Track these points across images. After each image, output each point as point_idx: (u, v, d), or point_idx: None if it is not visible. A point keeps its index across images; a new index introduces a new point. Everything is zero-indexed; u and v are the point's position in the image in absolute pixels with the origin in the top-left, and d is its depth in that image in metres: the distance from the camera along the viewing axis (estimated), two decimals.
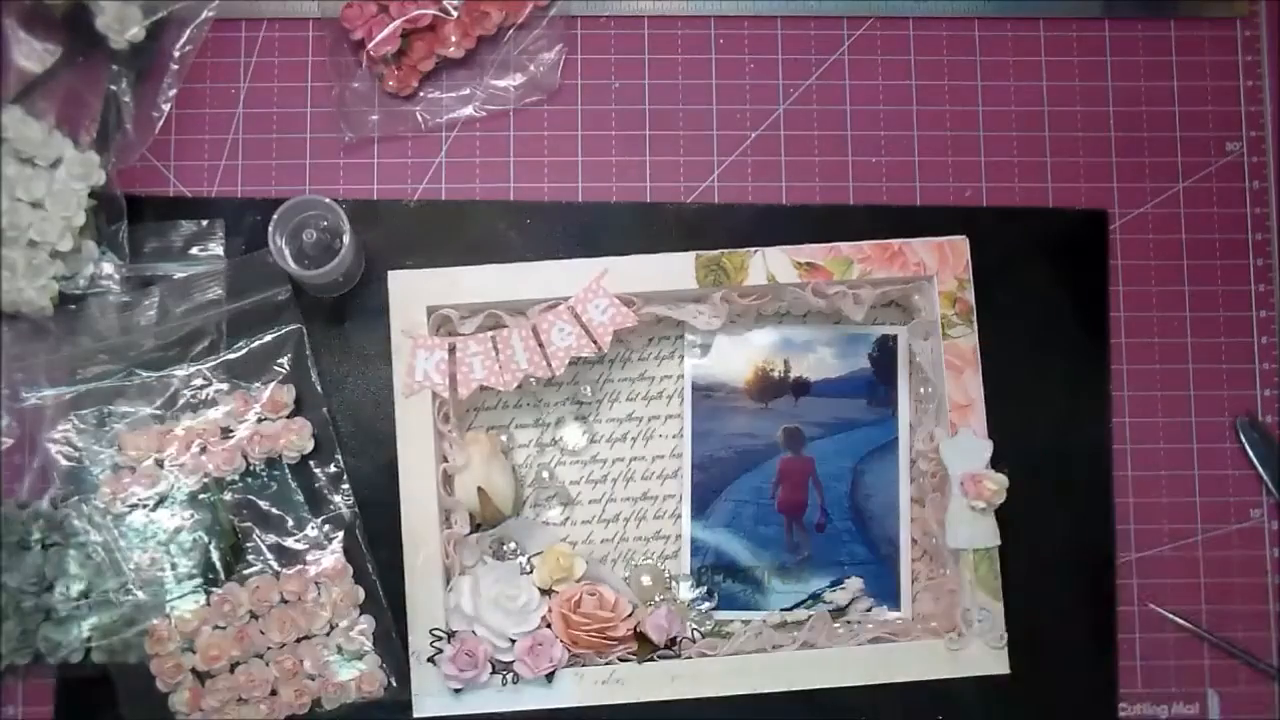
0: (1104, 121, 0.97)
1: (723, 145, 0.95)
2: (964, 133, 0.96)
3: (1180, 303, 0.96)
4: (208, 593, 0.87)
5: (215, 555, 0.87)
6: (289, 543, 0.88)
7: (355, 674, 0.86)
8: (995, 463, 0.84)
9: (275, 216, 0.85)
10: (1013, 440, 0.87)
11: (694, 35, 0.96)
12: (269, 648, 0.87)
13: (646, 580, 0.89)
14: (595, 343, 0.84)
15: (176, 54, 0.91)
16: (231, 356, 0.89)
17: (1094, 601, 0.93)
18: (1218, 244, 0.96)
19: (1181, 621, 0.92)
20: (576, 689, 0.83)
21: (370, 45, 0.91)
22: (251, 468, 0.88)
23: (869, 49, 0.96)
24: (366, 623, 0.87)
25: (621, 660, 0.84)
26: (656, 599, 0.88)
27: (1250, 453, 0.94)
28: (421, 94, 0.94)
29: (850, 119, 0.96)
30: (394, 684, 0.87)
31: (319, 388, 0.90)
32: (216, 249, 0.91)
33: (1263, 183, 0.96)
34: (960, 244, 0.86)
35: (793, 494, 0.90)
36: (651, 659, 0.85)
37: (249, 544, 0.88)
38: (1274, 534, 0.94)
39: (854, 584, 0.89)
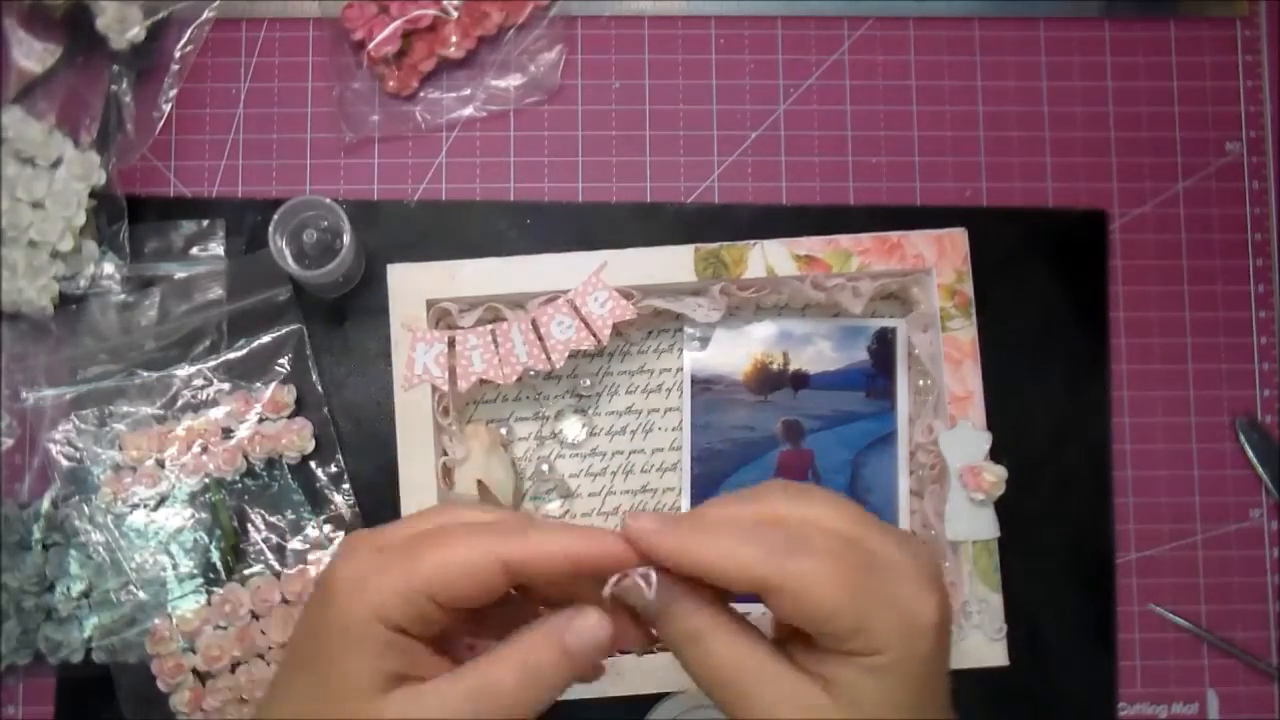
0: (1104, 121, 0.97)
1: (723, 145, 0.95)
2: (964, 133, 0.96)
3: (1180, 303, 0.96)
4: (209, 593, 0.87)
5: (216, 555, 0.87)
6: (290, 543, 0.88)
7: None
8: (994, 457, 0.84)
9: (275, 217, 0.85)
10: (1012, 441, 0.87)
11: (694, 35, 0.96)
12: (270, 648, 0.87)
13: None
14: (594, 336, 0.84)
15: (177, 54, 0.92)
16: (232, 356, 0.90)
17: (1094, 601, 0.93)
18: (1217, 244, 0.96)
19: (1181, 621, 0.92)
20: None
21: (371, 45, 0.92)
22: (252, 468, 0.89)
23: (869, 49, 0.96)
24: None
25: (621, 652, 0.84)
26: None
27: (1250, 453, 0.94)
28: (422, 94, 0.94)
29: (850, 119, 0.96)
30: None
31: (319, 388, 0.90)
32: (217, 249, 0.91)
33: (1263, 183, 0.97)
34: (959, 236, 0.86)
35: None
36: (652, 651, 0.84)
37: (250, 544, 0.88)
38: (1274, 534, 0.94)
39: None
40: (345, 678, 0.54)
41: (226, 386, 0.89)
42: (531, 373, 0.86)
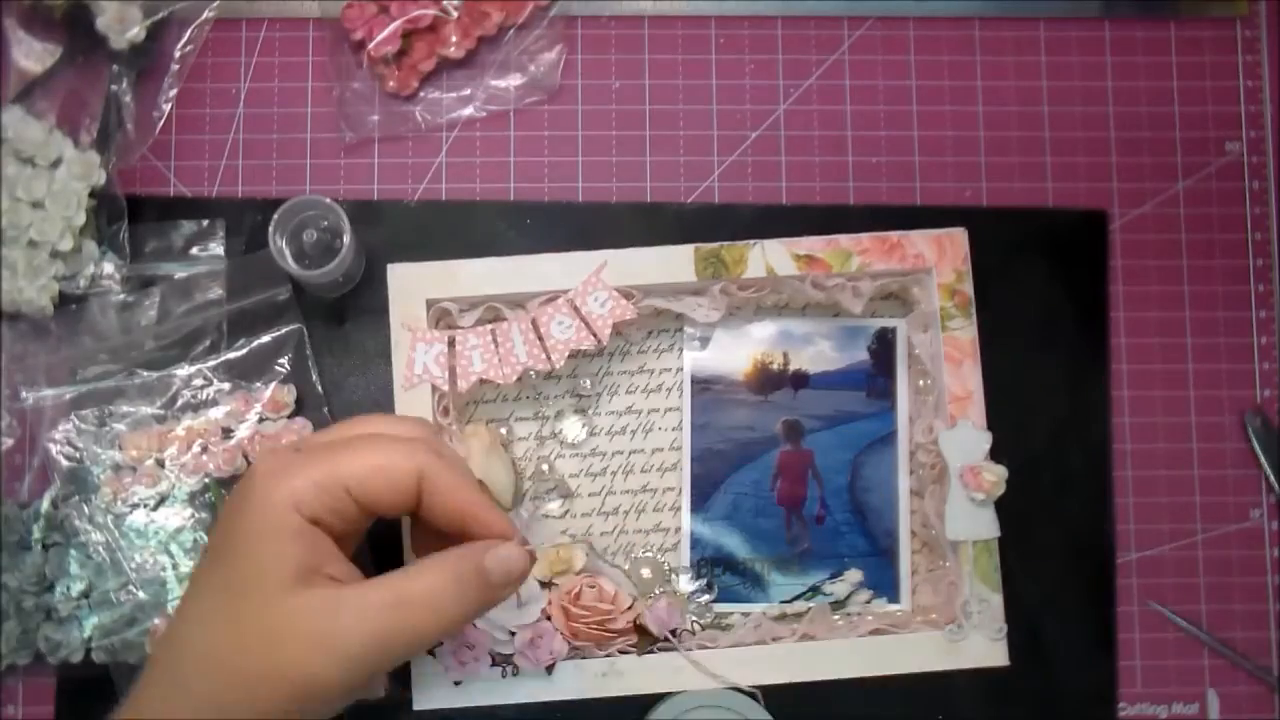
0: (1104, 121, 0.97)
1: (723, 145, 0.95)
2: (964, 133, 0.96)
3: (1180, 303, 0.96)
4: None
5: None
6: None
7: None
8: (994, 457, 0.84)
9: (275, 217, 0.85)
10: (1012, 441, 0.87)
11: (694, 35, 0.96)
12: None
13: (646, 573, 0.89)
14: (595, 335, 0.84)
15: (177, 54, 0.92)
16: (232, 356, 0.89)
17: (1094, 601, 0.93)
18: (1217, 244, 0.96)
19: (1181, 622, 0.92)
20: (576, 681, 0.83)
21: (371, 45, 0.92)
22: None
23: (869, 49, 0.96)
24: None
25: (621, 653, 0.84)
26: (656, 591, 0.88)
27: (1257, 448, 0.94)
28: (422, 94, 0.94)
29: (850, 119, 0.96)
30: (394, 678, 0.86)
31: (320, 388, 0.90)
32: (217, 249, 0.91)
33: (1263, 183, 0.97)
34: (958, 236, 0.86)
35: (792, 487, 0.90)
36: (651, 651, 0.85)
37: None
38: (1274, 534, 0.94)
39: (853, 576, 0.89)
40: (258, 565, 0.56)
41: (226, 386, 0.89)
42: (531, 373, 0.86)
